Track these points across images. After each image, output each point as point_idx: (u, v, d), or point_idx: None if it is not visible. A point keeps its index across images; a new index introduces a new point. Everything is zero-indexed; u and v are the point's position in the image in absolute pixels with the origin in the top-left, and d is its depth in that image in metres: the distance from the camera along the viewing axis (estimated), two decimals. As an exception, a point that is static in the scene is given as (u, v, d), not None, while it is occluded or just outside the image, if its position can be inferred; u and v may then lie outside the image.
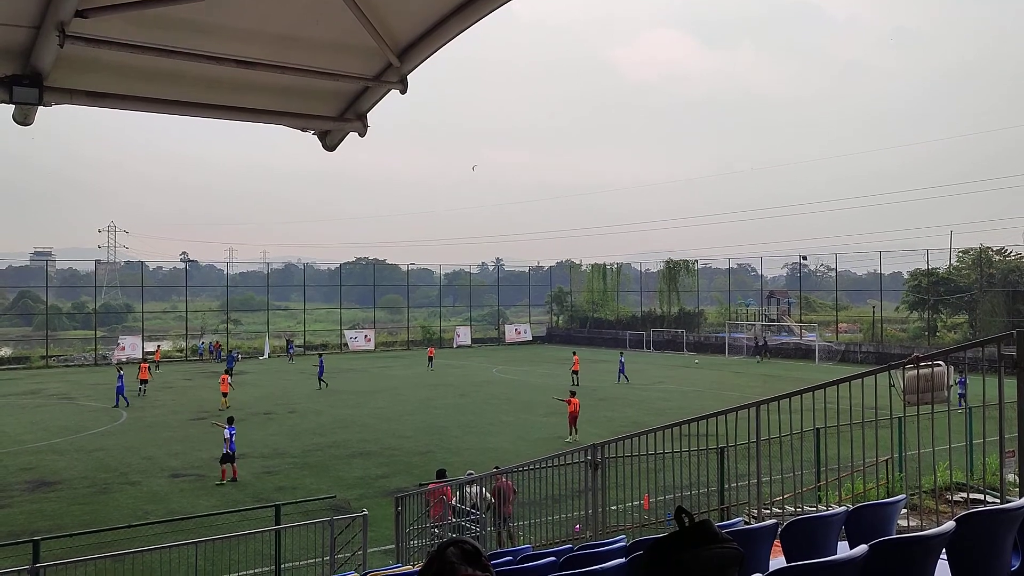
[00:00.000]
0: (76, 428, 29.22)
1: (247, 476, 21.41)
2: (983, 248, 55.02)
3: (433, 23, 4.57)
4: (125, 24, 4.13)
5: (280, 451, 24.68)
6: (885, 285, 63.55)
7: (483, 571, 2.11)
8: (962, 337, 51.32)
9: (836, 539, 4.57)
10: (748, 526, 5.05)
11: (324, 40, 4.69)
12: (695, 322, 70.44)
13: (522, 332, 76.49)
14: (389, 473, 21.62)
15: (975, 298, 53.38)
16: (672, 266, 72.69)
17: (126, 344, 59.47)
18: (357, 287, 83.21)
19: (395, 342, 73.10)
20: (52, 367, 55.89)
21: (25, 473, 22.03)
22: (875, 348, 53.36)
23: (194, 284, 74.92)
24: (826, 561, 2.91)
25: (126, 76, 4.81)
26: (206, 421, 29.92)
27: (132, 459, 23.70)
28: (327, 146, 5.76)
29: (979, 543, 3.41)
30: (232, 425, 21.81)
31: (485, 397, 37.06)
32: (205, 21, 4.30)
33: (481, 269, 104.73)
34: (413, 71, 4.96)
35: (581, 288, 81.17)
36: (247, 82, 5.05)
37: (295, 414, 32.21)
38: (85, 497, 19.51)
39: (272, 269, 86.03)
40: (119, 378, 34.96)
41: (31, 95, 4.30)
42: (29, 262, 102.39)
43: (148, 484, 20.75)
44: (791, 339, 60.62)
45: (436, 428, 28.37)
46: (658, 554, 2.25)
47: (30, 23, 3.99)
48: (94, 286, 70.39)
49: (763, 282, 74.75)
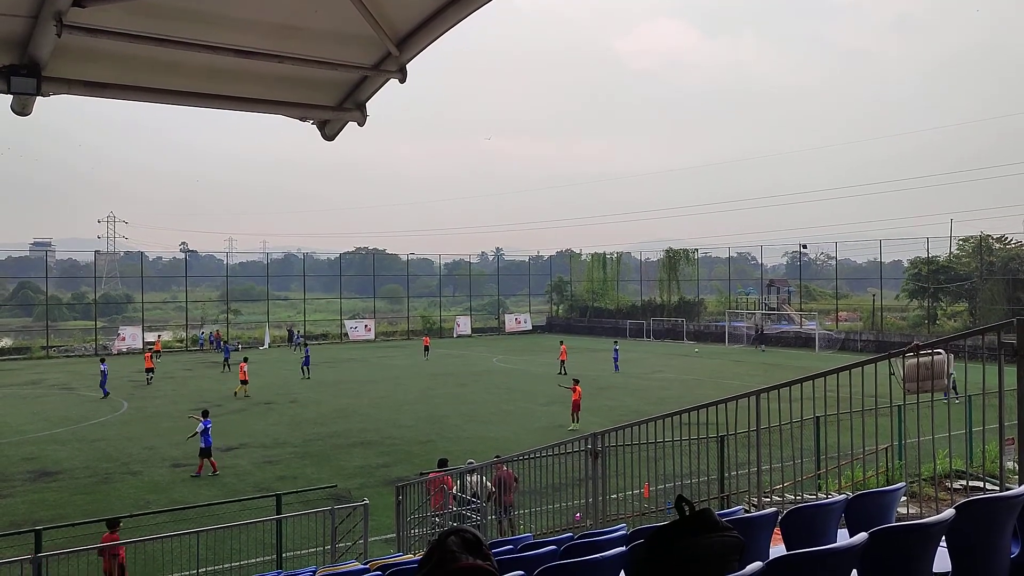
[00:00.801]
0: (77, 418, 29.28)
1: (248, 466, 21.47)
2: (983, 236, 54.95)
3: (432, 12, 4.56)
4: (123, 13, 4.11)
5: (281, 441, 24.73)
6: (885, 273, 63.57)
7: (484, 560, 2.12)
8: (962, 325, 51.31)
9: (836, 527, 4.58)
10: (748, 514, 5.07)
11: (323, 29, 4.68)
12: (695, 311, 70.40)
13: (522, 322, 76.49)
14: (390, 462, 21.67)
15: (975, 286, 53.38)
16: (672, 255, 72.59)
17: (126, 334, 59.56)
18: (357, 277, 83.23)
19: (395, 332, 73.16)
20: (52, 357, 55.94)
21: (27, 463, 22.09)
22: (875, 336, 53.40)
23: (194, 274, 74.87)
24: (826, 549, 2.92)
25: (124, 66, 4.79)
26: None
27: (133, 449, 23.75)
28: (326, 136, 5.75)
29: (979, 531, 3.42)
30: (207, 418, 21.30)
31: (485, 386, 37.11)
32: (203, 10, 4.28)
33: (481, 259, 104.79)
34: (412, 60, 4.95)
35: (581, 277, 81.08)
36: (246, 71, 5.03)
37: (296, 404, 32.26)
38: (87, 487, 19.57)
39: (272, 259, 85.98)
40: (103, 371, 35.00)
41: (29, 85, 4.29)
42: (29, 253, 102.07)
43: (149, 474, 20.81)
44: (791, 328, 60.64)
45: (436, 417, 28.42)
46: (659, 542, 2.25)
47: (28, 13, 3.97)
48: (94, 276, 70.48)
49: (763, 271, 74.79)
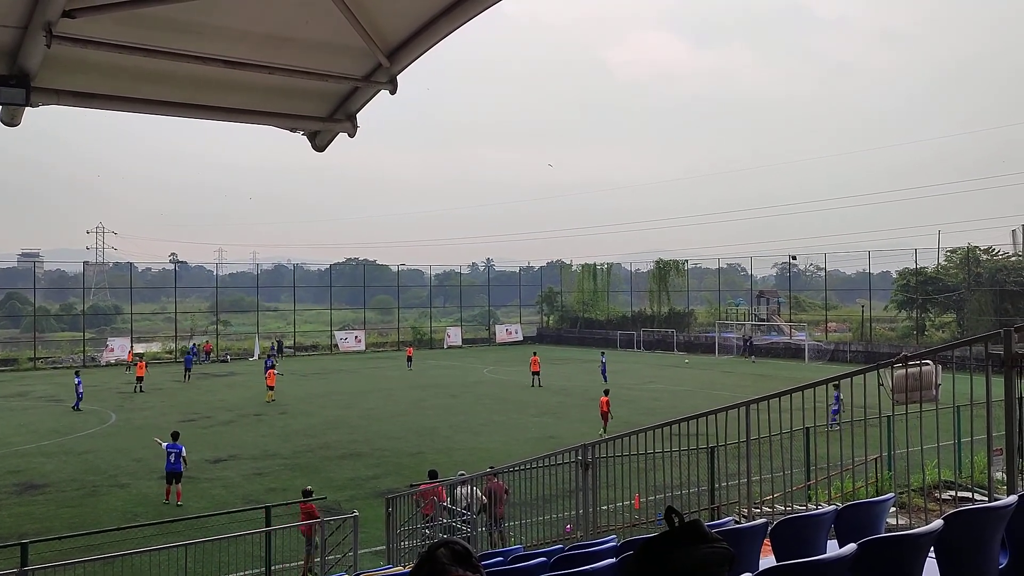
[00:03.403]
0: (65, 430, 29.05)
1: (237, 477, 21.34)
2: (971, 247, 55.30)
3: (423, 23, 4.57)
4: (113, 24, 4.11)
5: (270, 452, 24.60)
6: (874, 284, 63.83)
7: (473, 572, 2.11)
8: (950, 336, 51.60)
9: (826, 538, 4.59)
10: (738, 525, 5.07)
11: (313, 40, 4.68)
12: (685, 322, 70.55)
13: (513, 332, 76.41)
14: (380, 474, 21.58)
15: (963, 297, 53.70)
16: (662, 266, 72.70)
17: (115, 346, 59.19)
18: (347, 288, 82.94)
19: (386, 343, 72.97)
20: (40, 369, 55.52)
21: (13, 476, 21.88)
22: (864, 347, 53.59)
23: (183, 285, 74.63)
24: (815, 560, 2.93)
25: (113, 76, 4.79)
26: (196, 423, 29.81)
27: (121, 461, 23.57)
28: (316, 147, 5.75)
29: (967, 541, 3.43)
30: (176, 442, 19.44)
31: (476, 397, 37.03)
32: (193, 21, 4.28)
33: (472, 269, 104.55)
34: (403, 71, 4.96)
35: (571, 288, 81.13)
36: (235, 82, 5.03)
37: (286, 415, 32.11)
38: (74, 499, 19.40)
39: (262, 270, 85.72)
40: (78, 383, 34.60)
41: (18, 96, 4.28)
42: (16, 263, 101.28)
43: (137, 486, 20.64)
44: (781, 339, 60.83)
45: (427, 429, 28.33)
46: (649, 554, 2.25)
47: (17, 23, 3.97)
48: (82, 287, 70.00)
49: (753, 282, 75.04)
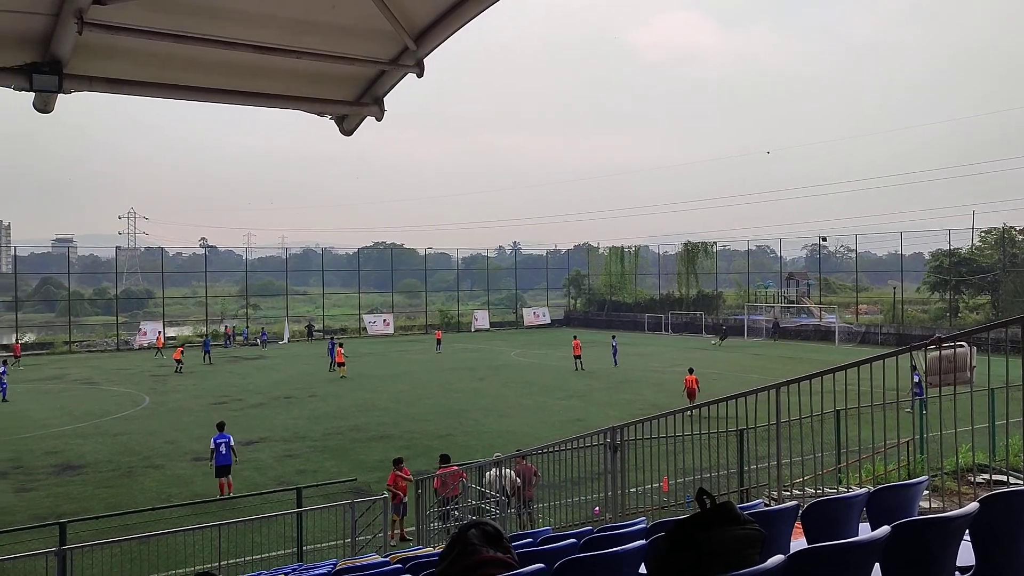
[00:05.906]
0: (100, 412, 29.59)
1: (268, 459, 21.62)
2: (1006, 228, 54.25)
3: (449, 6, 4.55)
4: (143, 10, 4.13)
5: (301, 435, 24.88)
6: (906, 266, 62.97)
7: (504, 553, 2.12)
8: (984, 318, 50.78)
9: (857, 521, 4.54)
10: (768, 508, 5.04)
11: (340, 24, 4.67)
12: (714, 304, 70.08)
13: (540, 316, 76.41)
14: (409, 456, 21.68)
15: (998, 278, 52.77)
16: (690, 248, 72.15)
17: (147, 329, 60.09)
18: (375, 272, 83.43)
19: (413, 326, 73.38)
20: (75, 352, 56.60)
21: (50, 457, 22.36)
22: (896, 330, 52.87)
23: (213, 269, 75.42)
24: (848, 542, 2.89)
25: (144, 63, 4.82)
26: (227, 406, 30.25)
27: (155, 443, 23.99)
28: (344, 131, 5.75)
29: (1003, 524, 3.39)
30: (223, 432, 18.86)
31: (504, 380, 37.14)
32: (221, 7, 4.30)
33: (498, 253, 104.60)
34: (430, 54, 4.94)
35: (599, 271, 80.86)
36: (264, 67, 5.05)
37: (316, 398, 32.44)
38: (110, 480, 19.79)
39: (290, 254, 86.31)
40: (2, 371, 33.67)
41: (51, 83, 4.32)
42: (51, 249, 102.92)
43: (171, 467, 21.01)
44: (811, 321, 60.21)
45: (455, 411, 28.48)
46: (679, 536, 2.24)
47: (49, 11, 4.00)
48: (115, 272, 70.90)
49: (782, 264, 74.26)
